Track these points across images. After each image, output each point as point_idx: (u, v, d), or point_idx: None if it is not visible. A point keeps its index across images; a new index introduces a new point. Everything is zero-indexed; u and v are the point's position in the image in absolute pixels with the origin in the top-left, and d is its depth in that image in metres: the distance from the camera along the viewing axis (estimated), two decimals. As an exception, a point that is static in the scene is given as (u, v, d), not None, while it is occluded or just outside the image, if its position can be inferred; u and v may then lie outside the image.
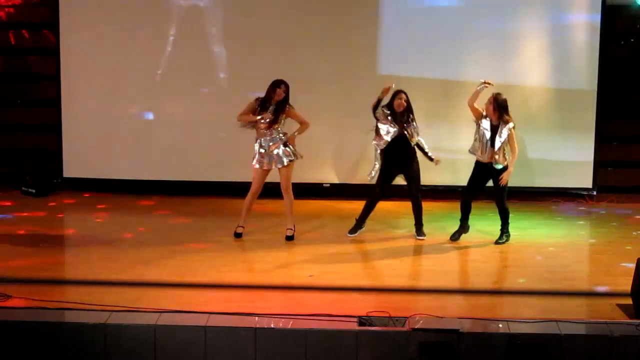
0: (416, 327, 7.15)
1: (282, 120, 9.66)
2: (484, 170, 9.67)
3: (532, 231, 10.41)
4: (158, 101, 11.93)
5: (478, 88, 9.57)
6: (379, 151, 9.81)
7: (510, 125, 9.47)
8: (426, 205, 10.29)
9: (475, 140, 9.64)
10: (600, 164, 11.71)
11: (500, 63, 11.60)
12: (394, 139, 9.71)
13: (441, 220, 10.57)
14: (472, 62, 11.55)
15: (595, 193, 11.76)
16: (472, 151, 9.70)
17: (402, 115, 9.73)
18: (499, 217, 9.81)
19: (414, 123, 9.76)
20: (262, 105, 9.62)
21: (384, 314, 7.33)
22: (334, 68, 11.62)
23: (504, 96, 9.53)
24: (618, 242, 9.97)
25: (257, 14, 11.69)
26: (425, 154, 9.92)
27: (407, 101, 9.75)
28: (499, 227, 9.81)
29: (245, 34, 11.71)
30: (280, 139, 9.66)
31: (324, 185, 11.80)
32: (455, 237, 9.80)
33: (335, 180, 11.82)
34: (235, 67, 11.75)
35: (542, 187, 11.78)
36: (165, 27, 11.77)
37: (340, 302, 7.90)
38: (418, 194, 9.90)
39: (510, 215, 9.79)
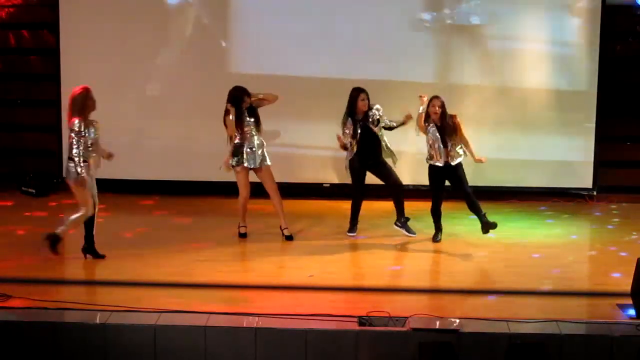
0: (416, 327, 7.16)
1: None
2: (440, 174, 9.67)
3: (531, 231, 10.40)
4: (158, 101, 11.92)
5: (421, 109, 9.59)
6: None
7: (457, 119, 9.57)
8: (426, 205, 10.28)
9: (429, 148, 9.64)
10: (600, 164, 11.70)
11: (500, 63, 11.61)
12: (362, 138, 9.76)
13: (442, 220, 10.57)
14: (472, 62, 11.56)
15: (595, 193, 11.75)
16: (428, 159, 9.69)
17: (364, 114, 9.76)
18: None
19: (378, 113, 9.77)
20: (239, 113, 9.65)
21: (384, 314, 7.33)
22: (334, 69, 11.61)
23: (442, 98, 9.60)
24: (618, 242, 9.96)
25: (259, 14, 11.69)
26: (396, 127, 9.91)
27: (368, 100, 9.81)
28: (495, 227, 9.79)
29: (246, 34, 11.72)
30: (261, 139, 9.77)
31: (324, 185, 11.80)
32: (437, 238, 9.80)
33: (335, 180, 11.81)
34: (236, 67, 11.74)
35: (542, 187, 11.78)
36: (165, 26, 11.78)
37: (340, 302, 7.91)
38: (399, 184, 9.92)
39: (511, 215, 9.79)
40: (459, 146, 9.63)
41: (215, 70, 11.79)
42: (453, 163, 9.60)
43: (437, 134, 9.56)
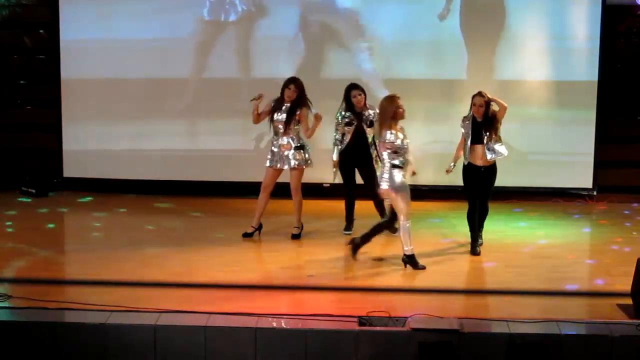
0: (416, 327, 7.16)
1: (296, 121, 9.64)
2: (473, 173, 9.43)
3: (532, 231, 10.40)
4: (158, 101, 11.92)
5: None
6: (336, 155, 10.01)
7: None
8: (427, 205, 10.31)
9: (465, 147, 9.39)
10: (600, 164, 11.70)
11: (500, 62, 11.61)
12: (352, 137, 9.83)
13: (440, 220, 10.58)
14: (473, 60, 11.56)
15: (595, 193, 11.75)
16: (466, 158, 9.39)
17: (361, 110, 9.79)
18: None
19: (372, 113, 9.75)
20: (276, 104, 9.63)
21: (384, 314, 7.34)
22: (334, 70, 11.62)
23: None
24: (618, 242, 9.96)
25: (260, 15, 11.70)
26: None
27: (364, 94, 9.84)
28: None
29: (246, 33, 11.72)
30: (293, 140, 9.67)
31: (324, 185, 11.78)
32: (475, 251, 9.42)
33: (336, 180, 11.80)
34: (237, 67, 11.75)
35: (542, 187, 11.77)
36: (165, 26, 11.77)
37: (340, 302, 7.91)
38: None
39: (511, 215, 9.77)
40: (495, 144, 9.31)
41: (216, 69, 11.80)
42: (489, 157, 9.30)
43: (470, 132, 9.28)
